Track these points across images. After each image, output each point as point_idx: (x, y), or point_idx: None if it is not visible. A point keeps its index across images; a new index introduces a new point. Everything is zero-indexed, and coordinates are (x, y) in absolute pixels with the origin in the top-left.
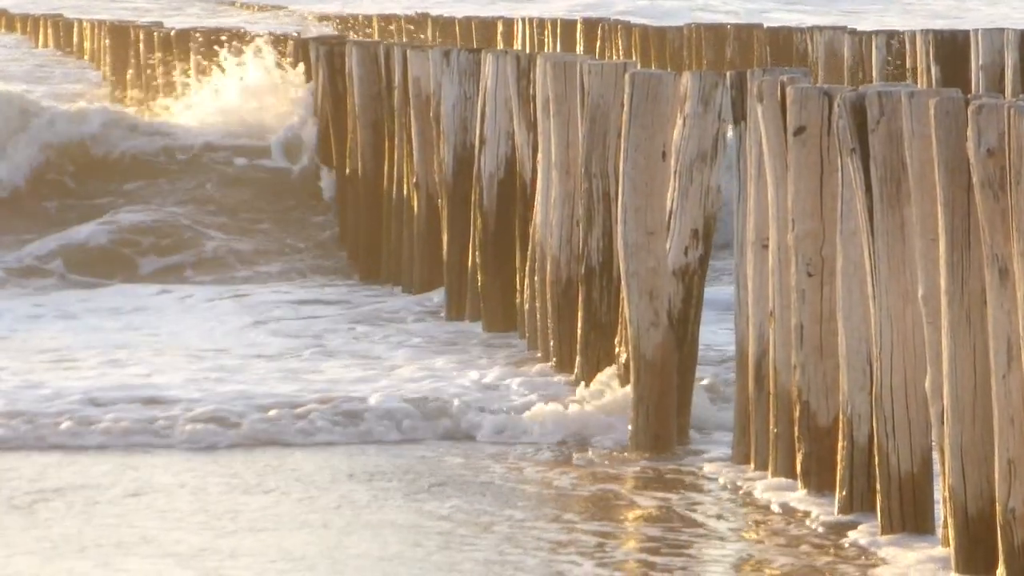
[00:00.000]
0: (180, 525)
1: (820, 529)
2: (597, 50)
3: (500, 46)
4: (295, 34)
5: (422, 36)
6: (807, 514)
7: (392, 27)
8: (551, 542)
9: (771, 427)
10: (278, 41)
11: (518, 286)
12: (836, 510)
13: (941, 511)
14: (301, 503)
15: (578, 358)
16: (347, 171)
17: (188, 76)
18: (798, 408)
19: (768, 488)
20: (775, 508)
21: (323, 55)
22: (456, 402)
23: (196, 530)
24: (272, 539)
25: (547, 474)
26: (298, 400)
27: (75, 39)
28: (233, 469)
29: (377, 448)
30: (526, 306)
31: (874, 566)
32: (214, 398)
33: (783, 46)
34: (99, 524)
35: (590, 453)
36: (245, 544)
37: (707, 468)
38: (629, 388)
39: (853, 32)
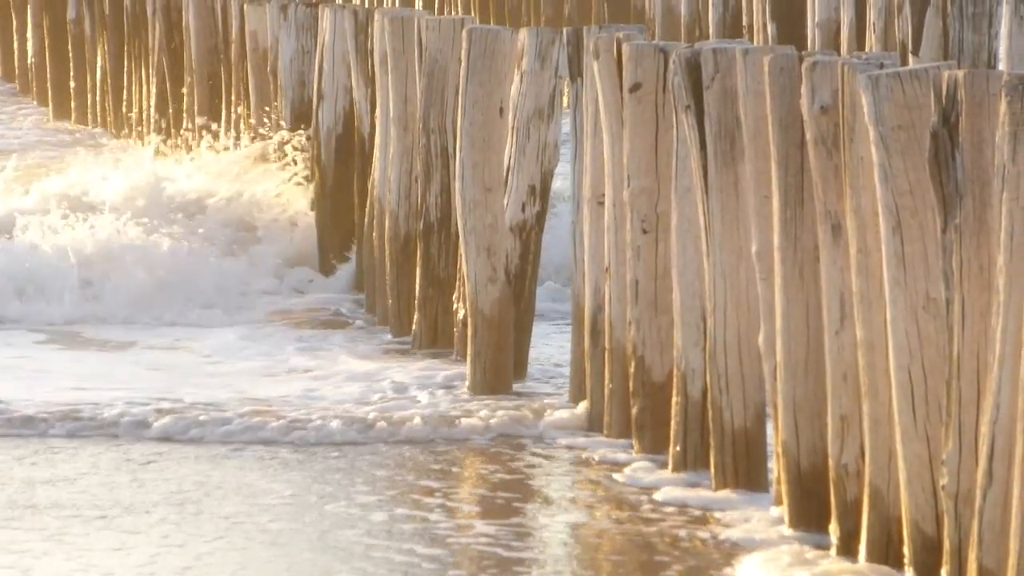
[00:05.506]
0: None
1: (653, 486)
2: (435, 6)
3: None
4: None
5: None
6: (640, 471)
7: None
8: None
9: (606, 383)
10: None
11: (356, 243)
12: (670, 467)
13: (774, 467)
14: None
15: (416, 314)
16: (184, 126)
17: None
18: (633, 364)
19: (601, 445)
20: (607, 466)
21: (160, 9)
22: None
23: None
24: None
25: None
26: None
27: None
28: None
29: None
30: (364, 263)
31: (706, 522)
32: None
33: (621, 4)
34: None
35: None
36: None
37: (541, 425)
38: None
39: None
